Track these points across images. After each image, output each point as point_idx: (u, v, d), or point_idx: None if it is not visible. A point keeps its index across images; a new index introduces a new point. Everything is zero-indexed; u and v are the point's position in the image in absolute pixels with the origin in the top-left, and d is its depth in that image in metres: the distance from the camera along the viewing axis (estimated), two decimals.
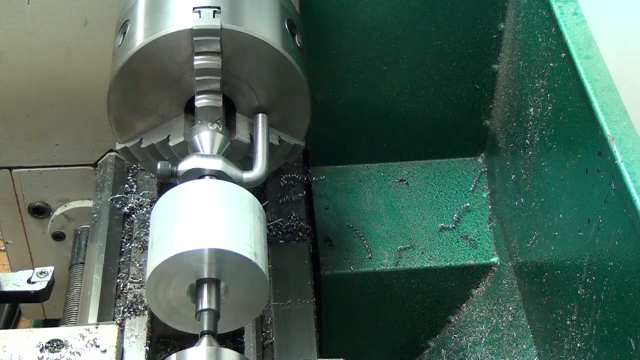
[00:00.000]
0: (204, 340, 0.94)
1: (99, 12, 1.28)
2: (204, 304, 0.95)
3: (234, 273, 0.96)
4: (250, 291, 0.98)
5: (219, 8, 1.10)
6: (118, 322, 1.15)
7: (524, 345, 1.35)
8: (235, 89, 1.05)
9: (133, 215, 1.33)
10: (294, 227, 1.38)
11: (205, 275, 0.96)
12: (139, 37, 1.12)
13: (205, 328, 0.94)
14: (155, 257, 0.96)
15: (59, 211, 1.48)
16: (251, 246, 0.96)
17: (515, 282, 1.41)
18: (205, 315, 0.95)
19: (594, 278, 1.08)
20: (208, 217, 0.96)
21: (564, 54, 1.15)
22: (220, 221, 0.96)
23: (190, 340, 1.04)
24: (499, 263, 1.47)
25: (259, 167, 1.11)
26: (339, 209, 1.53)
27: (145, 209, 1.28)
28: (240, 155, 1.17)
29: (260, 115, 1.16)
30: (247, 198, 1.03)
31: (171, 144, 1.16)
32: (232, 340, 1.27)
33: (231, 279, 0.96)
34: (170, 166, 1.07)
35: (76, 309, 1.31)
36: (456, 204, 1.53)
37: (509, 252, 1.43)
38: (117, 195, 1.35)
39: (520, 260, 1.38)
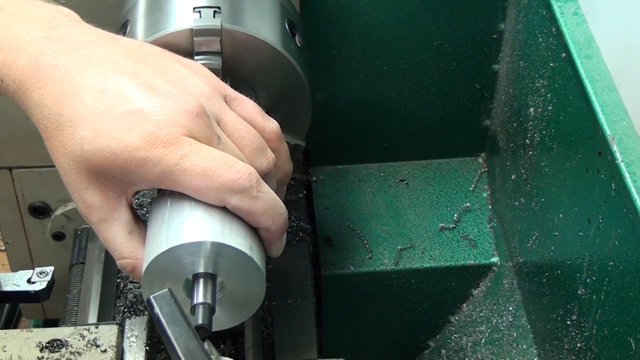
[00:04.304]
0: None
1: (99, 12, 1.27)
2: (199, 297, 0.95)
3: (229, 267, 0.96)
4: (246, 286, 0.98)
5: (219, 8, 1.10)
6: (118, 322, 1.15)
7: (524, 345, 1.35)
8: (235, 89, 1.05)
9: None
10: (294, 227, 1.39)
11: (201, 270, 0.96)
12: (139, 37, 1.12)
13: (200, 322, 0.94)
14: (150, 252, 0.96)
15: (59, 211, 1.48)
16: (246, 240, 0.97)
17: (515, 282, 1.42)
18: (200, 309, 0.94)
19: (594, 278, 1.08)
20: (202, 211, 0.96)
21: (564, 54, 1.15)
22: (214, 215, 0.96)
23: None
24: (499, 263, 1.47)
25: None
26: (339, 208, 1.53)
27: (145, 209, 1.28)
28: None
29: None
30: None
31: None
32: (232, 340, 1.27)
33: (227, 273, 0.96)
34: None
35: (76, 309, 1.31)
36: (456, 204, 1.53)
37: (509, 252, 1.43)
38: None
39: (520, 260, 1.39)
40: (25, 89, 0.96)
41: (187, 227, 0.95)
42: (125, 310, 1.18)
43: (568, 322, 1.16)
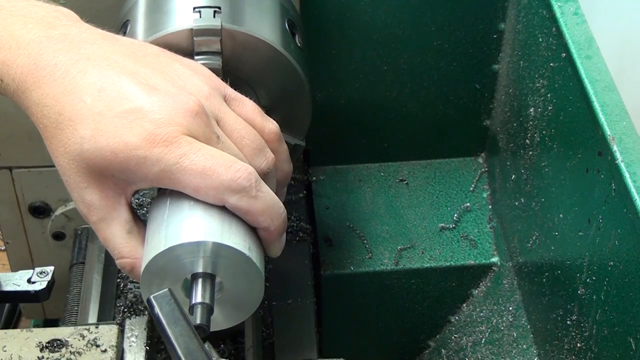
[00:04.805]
0: None
1: (99, 12, 1.27)
2: (198, 297, 0.95)
3: (228, 267, 0.96)
4: (245, 286, 0.98)
5: (219, 8, 1.10)
6: (118, 322, 1.15)
7: (524, 345, 1.35)
8: (235, 89, 1.05)
9: None
10: (294, 227, 1.38)
11: (200, 270, 0.96)
12: (139, 37, 1.12)
13: (198, 322, 0.94)
14: (149, 252, 0.96)
15: (59, 211, 1.48)
16: (245, 240, 0.97)
17: (515, 282, 1.41)
18: (199, 309, 0.94)
19: (594, 278, 1.08)
20: (201, 210, 0.96)
21: (564, 54, 1.15)
22: (213, 215, 0.96)
23: None
24: (499, 263, 1.47)
25: None
26: (339, 208, 1.53)
27: (145, 209, 1.28)
28: None
29: None
30: None
31: None
32: (232, 340, 1.27)
33: (225, 273, 0.96)
34: None
35: (76, 309, 1.31)
36: (456, 204, 1.53)
37: (509, 252, 1.43)
38: None
39: (520, 260, 1.38)
40: (24, 89, 0.96)
41: (186, 227, 0.95)
42: (125, 310, 1.18)
43: (568, 322, 1.16)
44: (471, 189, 1.55)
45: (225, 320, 1.02)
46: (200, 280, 0.96)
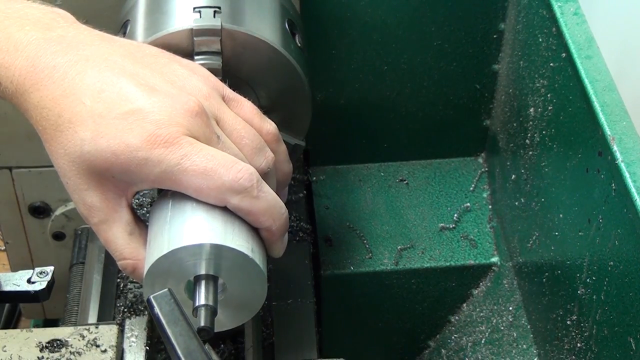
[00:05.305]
0: None
1: (99, 12, 1.27)
2: (201, 299, 0.95)
3: (231, 269, 0.96)
4: (248, 288, 0.98)
5: (219, 8, 1.10)
6: (118, 322, 1.15)
7: (524, 345, 1.35)
8: (235, 89, 1.05)
9: None
10: (294, 227, 1.38)
11: (203, 272, 0.96)
12: (139, 37, 1.12)
13: (202, 324, 0.94)
14: (152, 254, 0.96)
15: (59, 211, 1.48)
16: (248, 241, 0.97)
17: (515, 282, 1.42)
18: (202, 311, 0.95)
19: (594, 278, 1.08)
20: (204, 212, 0.96)
21: (564, 54, 1.15)
22: (216, 216, 0.96)
23: None
24: (499, 263, 1.47)
25: None
26: (339, 209, 1.53)
27: (145, 209, 1.28)
28: None
29: None
30: None
31: None
32: (232, 340, 1.27)
33: (229, 275, 0.97)
34: None
35: (76, 309, 1.31)
36: (456, 204, 1.53)
37: (509, 252, 1.43)
38: None
39: (520, 260, 1.39)
40: (23, 91, 0.96)
41: (189, 229, 0.95)
42: (125, 310, 1.18)
43: (568, 322, 1.16)
44: (471, 189, 1.55)
45: (228, 321, 1.02)
46: (203, 283, 0.96)
